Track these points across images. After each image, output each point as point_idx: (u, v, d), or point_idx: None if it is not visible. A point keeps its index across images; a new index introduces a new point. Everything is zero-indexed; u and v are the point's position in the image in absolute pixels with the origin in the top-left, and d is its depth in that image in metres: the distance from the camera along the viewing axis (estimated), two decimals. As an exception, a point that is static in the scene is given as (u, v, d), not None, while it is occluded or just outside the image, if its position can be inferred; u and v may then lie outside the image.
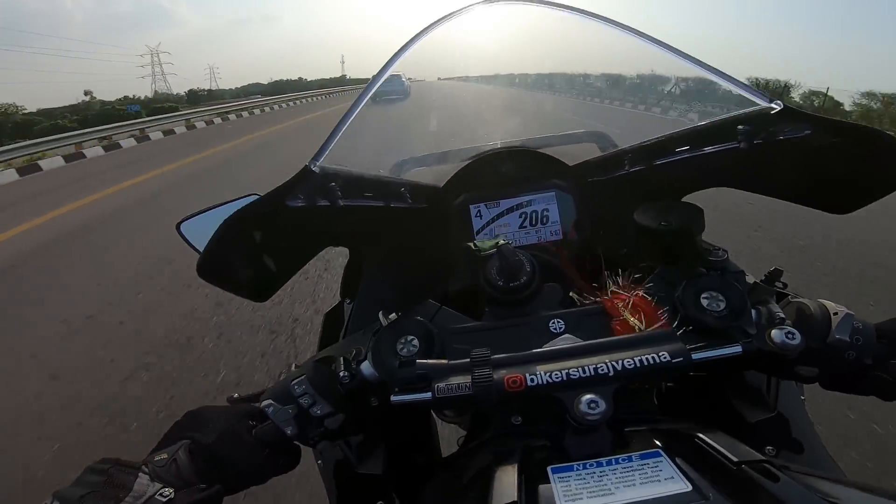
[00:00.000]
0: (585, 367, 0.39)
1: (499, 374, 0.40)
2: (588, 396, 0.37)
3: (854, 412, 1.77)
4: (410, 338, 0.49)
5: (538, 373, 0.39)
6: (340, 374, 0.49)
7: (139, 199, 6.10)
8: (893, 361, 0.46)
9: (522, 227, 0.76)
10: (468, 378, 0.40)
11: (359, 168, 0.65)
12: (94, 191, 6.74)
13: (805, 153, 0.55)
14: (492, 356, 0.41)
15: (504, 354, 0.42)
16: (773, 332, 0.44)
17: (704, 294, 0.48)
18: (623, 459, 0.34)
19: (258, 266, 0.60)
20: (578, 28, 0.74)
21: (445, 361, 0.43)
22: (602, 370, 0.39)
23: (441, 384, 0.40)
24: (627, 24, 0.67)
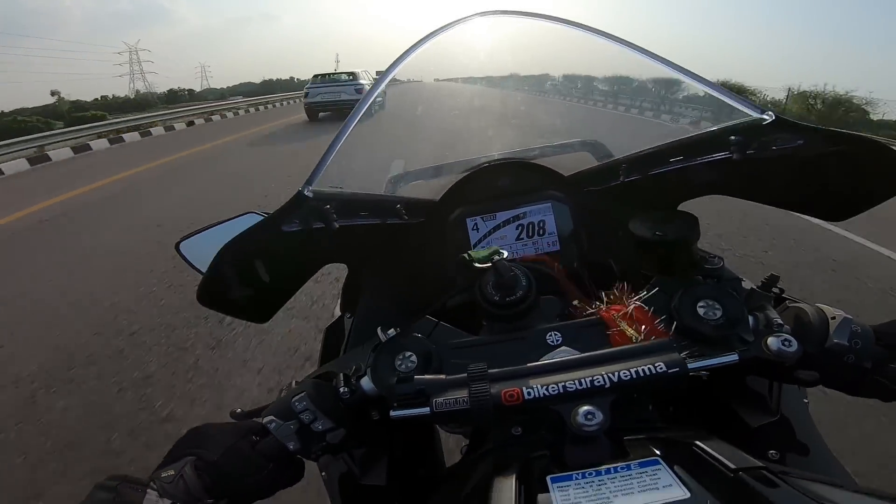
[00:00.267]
0: (582, 380, 0.39)
1: (496, 388, 0.40)
2: (585, 408, 0.37)
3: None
4: (409, 354, 0.49)
5: (535, 386, 0.40)
6: (341, 390, 0.49)
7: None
8: (893, 365, 0.46)
9: (519, 239, 0.76)
10: (465, 393, 0.40)
11: (352, 186, 0.66)
12: None
13: (798, 163, 0.55)
14: (488, 370, 0.42)
15: (500, 369, 0.42)
16: (770, 340, 0.43)
17: (701, 303, 0.48)
18: (622, 468, 0.34)
19: (257, 289, 0.61)
20: (575, 41, 0.75)
21: (443, 377, 0.43)
22: (599, 382, 0.39)
23: (439, 399, 0.41)
24: (625, 39, 0.68)
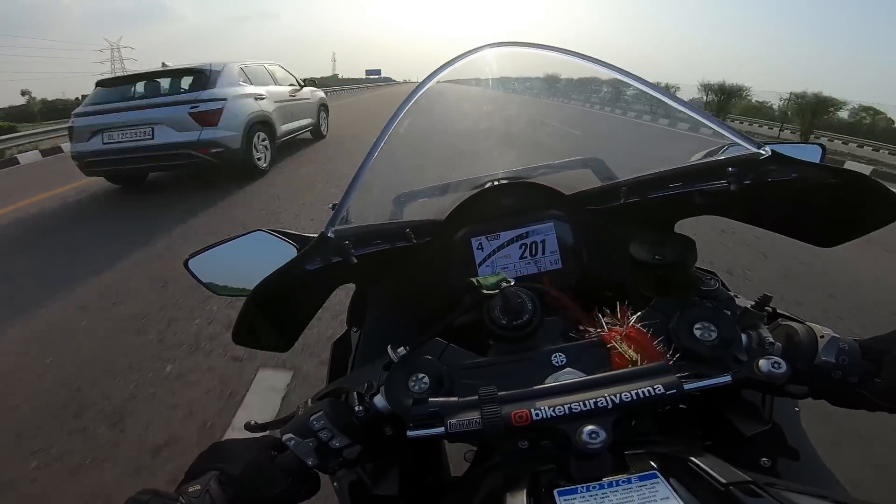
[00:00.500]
0: (586, 401, 0.42)
1: (506, 410, 0.43)
2: (589, 427, 0.40)
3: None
4: (421, 375, 0.52)
5: (542, 408, 0.42)
6: (356, 409, 0.52)
7: None
8: (878, 380, 0.48)
9: (523, 258, 0.79)
10: (477, 414, 0.43)
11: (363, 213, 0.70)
12: None
13: (792, 193, 0.59)
14: (498, 393, 0.45)
15: (510, 392, 0.45)
16: (761, 363, 0.47)
17: (697, 325, 0.51)
18: (623, 482, 0.37)
19: (283, 321, 0.65)
20: (578, 70, 0.78)
21: (456, 399, 0.46)
22: (601, 403, 0.42)
23: (453, 420, 0.44)
24: (632, 73, 0.72)
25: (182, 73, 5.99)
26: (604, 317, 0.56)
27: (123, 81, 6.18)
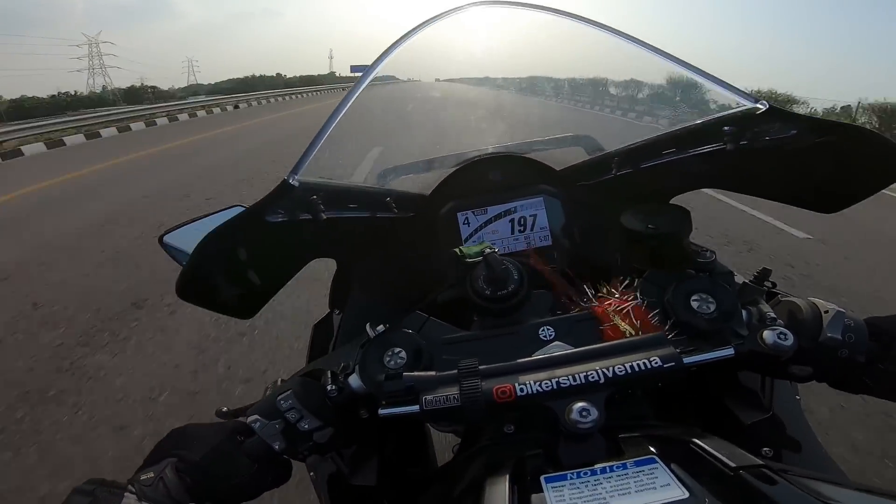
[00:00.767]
0: (576, 375, 0.38)
1: (487, 385, 0.39)
2: (579, 405, 0.37)
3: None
4: (398, 350, 0.48)
5: (528, 382, 0.38)
6: (328, 388, 0.48)
7: None
8: (881, 366, 0.45)
9: (511, 234, 0.75)
10: (456, 390, 0.39)
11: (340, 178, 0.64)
12: None
13: (791, 153, 0.55)
14: (480, 366, 0.41)
15: (492, 365, 0.41)
16: (766, 334, 0.43)
17: (694, 296, 0.48)
18: (617, 467, 0.33)
19: (241, 283, 0.59)
20: (569, 31, 0.73)
21: (433, 373, 0.42)
22: (593, 377, 0.38)
23: (429, 396, 0.40)
24: (616, 28, 0.67)
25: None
26: (595, 290, 0.53)
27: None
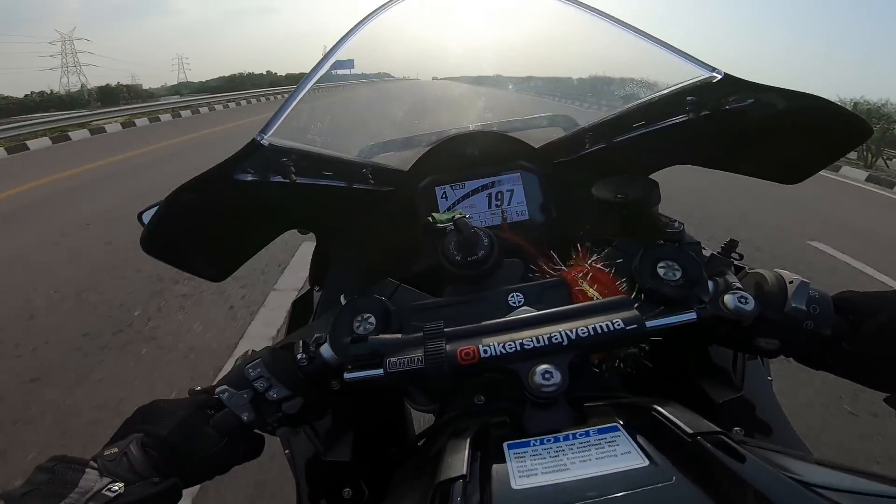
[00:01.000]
0: (539, 337, 0.39)
1: (452, 347, 0.39)
2: (543, 367, 0.37)
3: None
4: (367, 316, 0.48)
5: (491, 344, 0.39)
6: (299, 357, 0.48)
7: None
8: (846, 345, 0.45)
9: (488, 208, 0.76)
10: (421, 352, 0.39)
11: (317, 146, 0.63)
12: None
13: (751, 122, 0.56)
14: (445, 329, 0.41)
15: (457, 328, 0.41)
16: (727, 298, 0.44)
17: (661, 264, 0.48)
18: (580, 434, 0.34)
19: (212, 244, 0.58)
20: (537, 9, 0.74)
21: (398, 336, 0.42)
22: (556, 339, 0.38)
23: (393, 359, 0.40)
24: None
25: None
26: (566, 258, 0.53)
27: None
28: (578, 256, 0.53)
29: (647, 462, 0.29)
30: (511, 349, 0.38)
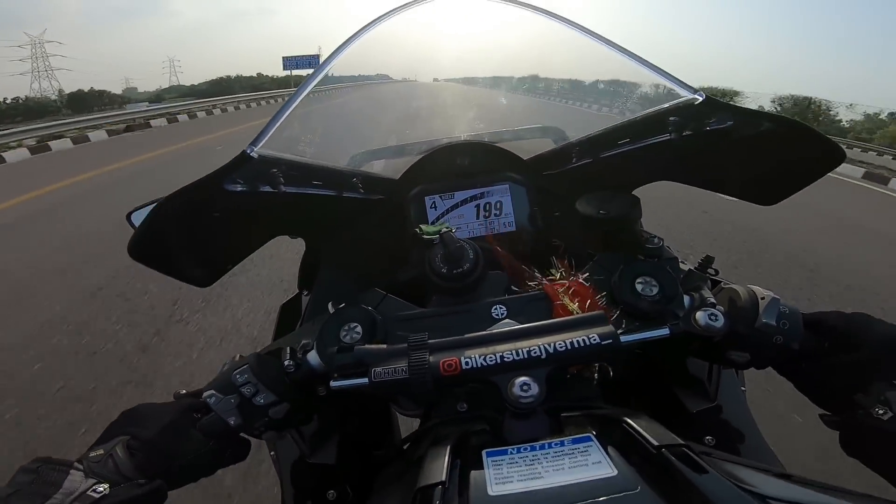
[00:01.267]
0: (519, 350, 0.40)
1: (435, 359, 0.40)
2: (521, 379, 0.38)
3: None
4: (354, 325, 0.50)
5: (473, 356, 0.40)
6: (286, 364, 0.49)
7: None
8: (804, 365, 0.47)
9: (476, 219, 0.77)
10: (405, 363, 0.41)
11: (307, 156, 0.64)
12: None
13: (731, 144, 0.58)
14: (429, 340, 0.42)
15: (440, 339, 0.43)
16: (698, 315, 0.46)
17: (639, 279, 0.50)
18: (556, 444, 0.35)
19: (197, 250, 0.59)
20: (532, 26, 0.75)
21: (383, 346, 0.44)
22: (535, 353, 0.40)
23: (378, 369, 0.41)
24: (581, 24, 0.69)
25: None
26: (549, 271, 0.55)
27: None
28: (561, 270, 0.55)
29: (616, 472, 0.31)
30: (492, 362, 0.40)
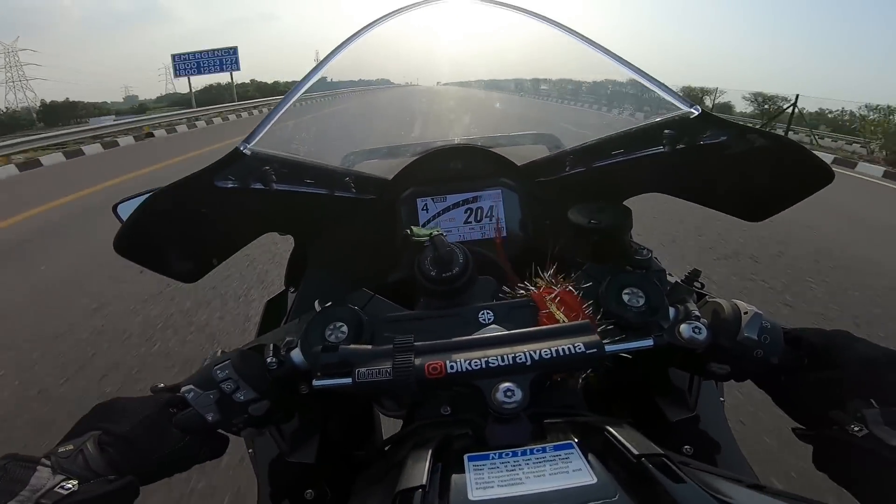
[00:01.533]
0: (504, 356, 0.40)
1: (420, 361, 0.40)
2: (505, 385, 0.38)
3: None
4: (340, 324, 0.49)
5: (458, 360, 0.40)
6: (268, 361, 0.48)
7: None
8: (784, 378, 0.48)
9: (467, 223, 0.77)
10: (389, 364, 0.40)
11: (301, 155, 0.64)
12: None
13: (723, 159, 0.59)
14: (415, 343, 0.42)
15: (426, 342, 0.42)
16: (682, 327, 0.46)
17: (626, 290, 0.50)
18: (537, 450, 0.35)
19: (184, 245, 0.58)
20: (534, 33, 0.76)
21: (368, 347, 0.43)
22: (520, 359, 0.40)
23: (362, 369, 0.40)
24: (580, 32, 0.69)
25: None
26: (537, 279, 0.55)
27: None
28: (549, 278, 0.55)
29: (595, 480, 0.31)
30: (476, 366, 0.40)
